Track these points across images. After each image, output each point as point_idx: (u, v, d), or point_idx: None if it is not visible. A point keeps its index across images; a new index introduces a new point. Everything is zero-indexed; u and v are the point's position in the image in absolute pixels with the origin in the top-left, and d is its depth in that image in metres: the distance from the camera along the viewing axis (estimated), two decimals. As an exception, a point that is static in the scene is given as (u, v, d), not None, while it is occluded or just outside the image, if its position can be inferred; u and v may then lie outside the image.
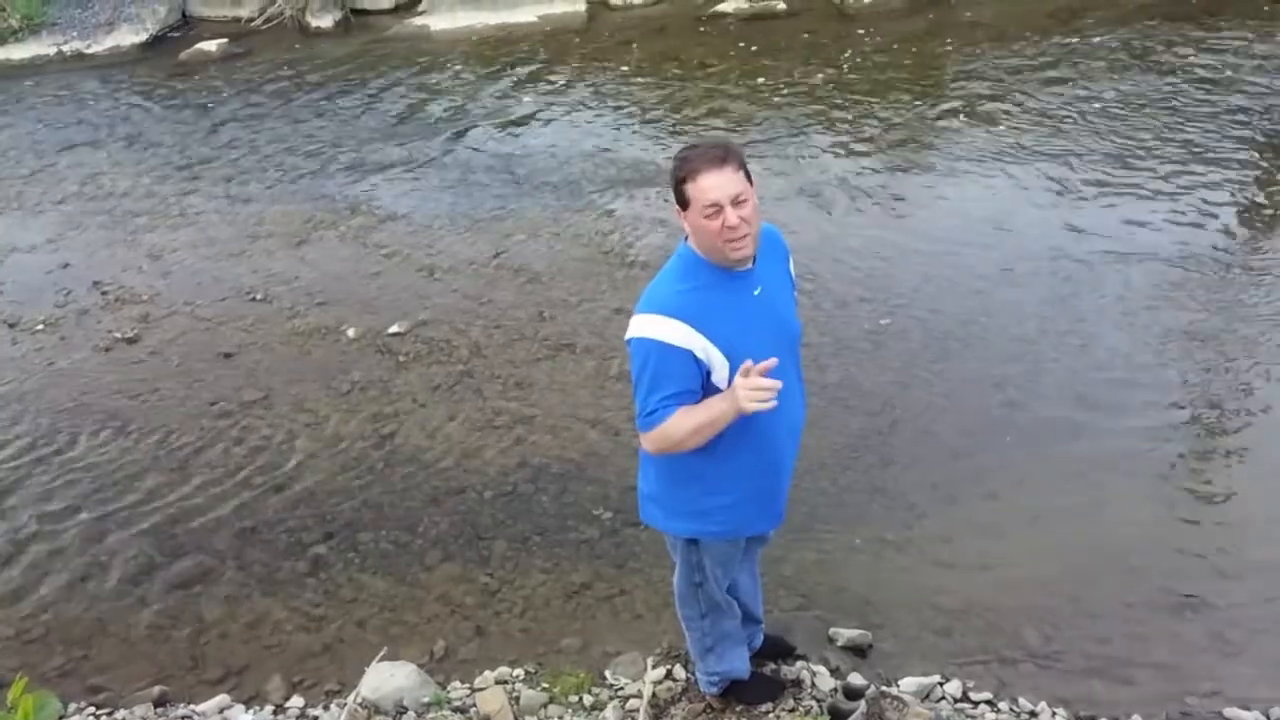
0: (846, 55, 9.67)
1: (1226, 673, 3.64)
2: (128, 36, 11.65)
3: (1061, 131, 7.76)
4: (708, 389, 2.66)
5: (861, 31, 10.24)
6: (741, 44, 10.23)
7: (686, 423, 2.62)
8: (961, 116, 8.20)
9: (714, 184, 2.51)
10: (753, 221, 2.57)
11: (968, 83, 8.84)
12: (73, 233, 7.60)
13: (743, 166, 2.57)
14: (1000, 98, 8.45)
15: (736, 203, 2.52)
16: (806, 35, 10.24)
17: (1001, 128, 7.93)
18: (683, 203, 2.59)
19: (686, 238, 2.69)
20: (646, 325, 2.61)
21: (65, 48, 11.60)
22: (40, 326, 6.42)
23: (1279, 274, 5.90)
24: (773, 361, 2.55)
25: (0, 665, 4.01)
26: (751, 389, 2.51)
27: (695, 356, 2.59)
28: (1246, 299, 5.71)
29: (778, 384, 2.52)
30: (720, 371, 2.64)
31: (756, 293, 2.69)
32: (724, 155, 2.55)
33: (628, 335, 2.67)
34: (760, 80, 9.31)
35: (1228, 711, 3.48)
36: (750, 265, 2.68)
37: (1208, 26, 9.42)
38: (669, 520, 2.95)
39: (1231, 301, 5.69)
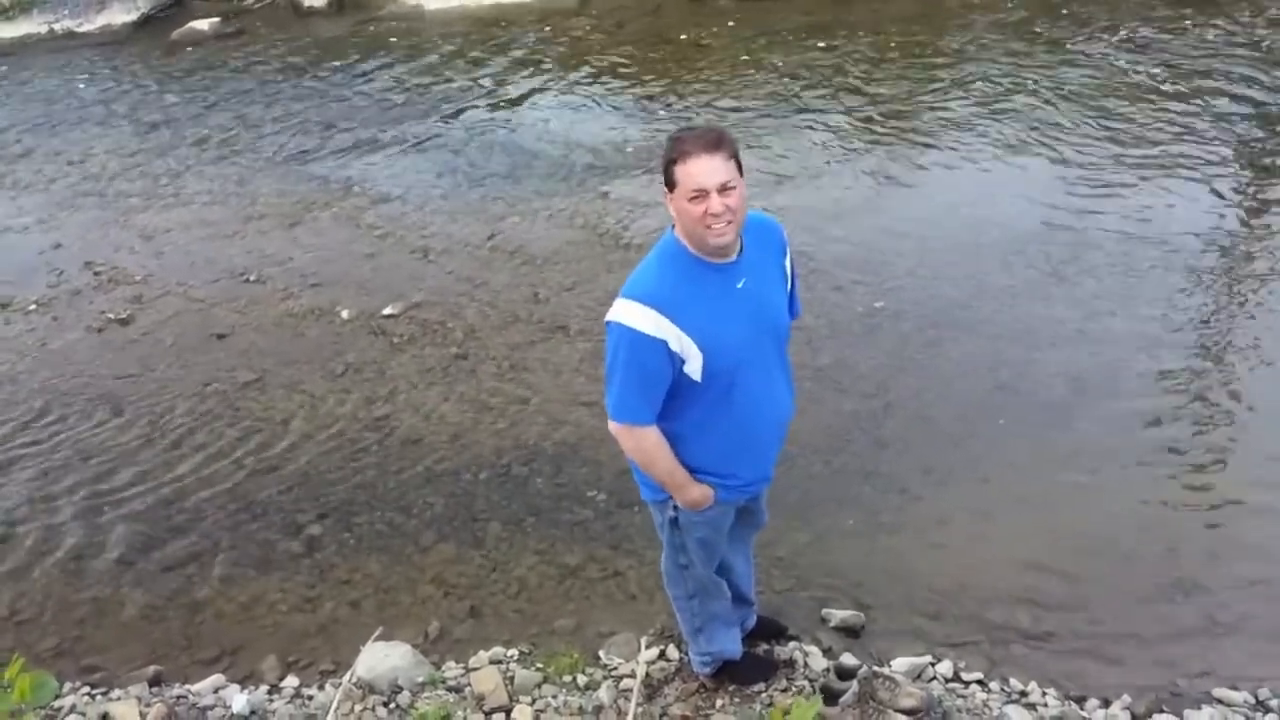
0: (842, 35, 9.62)
1: (1216, 654, 3.66)
2: (119, 15, 11.59)
3: (1056, 114, 7.74)
4: (680, 380, 2.66)
5: (857, 12, 10.19)
6: (737, 24, 10.18)
7: (659, 461, 2.77)
8: (957, 99, 8.17)
9: (703, 169, 2.50)
10: (738, 211, 2.55)
11: (963, 65, 8.81)
12: (64, 213, 7.57)
13: (734, 156, 2.55)
14: (996, 80, 8.43)
15: (723, 190, 2.51)
16: (802, 16, 10.19)
17: (997, 111, 7.91)
18: (670, 184, 2.57)
19: (674, 225, 2.67)
20: (623, 311, 2.62)
21: (57, 26, 11.53)
22: (33, 307, 6.40)
23: (1272, 255, 5.91)
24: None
25: (-5, 645, 4.01)
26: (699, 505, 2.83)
27: (668, 347, 2.59)
28: (1240, 281, 5.72)
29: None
30: (694, 363, 2.63)
31: (740, 285, 2.67)
32: (717, 141, 2.53)
33: (607, 317, 2.68)
34: (755, 60, 9.27)
35: (1217, 692, 3.50)
36: (733, 257, 2.66)
37: (1199, 8, 9.38)
38: (644, 488, 2.98)
39: (1225, 285, 5.70)
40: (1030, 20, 9.56)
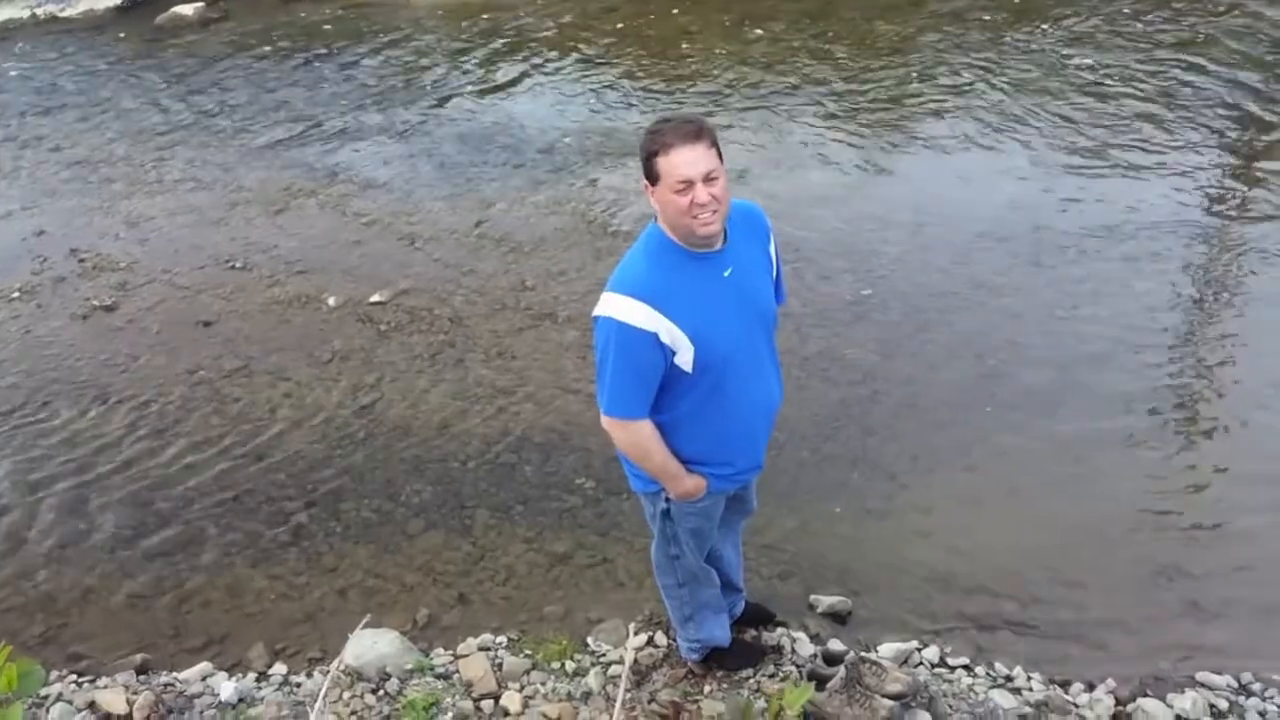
0: (829, 23, 9.61)
1: (1200, 638, 3.69)
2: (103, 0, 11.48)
3: (1043, 102, 7.75)
4: (671, 371, 2.65)
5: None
6: (725, 12, 10.15)
7: (653, 454, 2.75)
8: (944, 86, 8.18)
9: (687, 159, 2.47)
10: (723, 199, 2.53)
11: (951, 52, 8.81)
12: (48, 199, 7.51)
13: (715, 144, 2.53)
14: (983, 68, 8.44)
15: (708, 180, 2.48)
16: (792, 3, 10.17)
17: (984, 98, 7.92)
18: (652, 177, 2.54)
19: (656, 217, 2.65)
20: (611, 305, 2.59)
21: (39, 10, 11.42)
22: (16, 294, 6.35)
23: (1257, 244, 5.94)
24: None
25: (-20, 633, 3.99)
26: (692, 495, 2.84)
27: (659, 339, 2.57)
28: (1225, 269, 5.75)
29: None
30: (684, 355, 2.62)
31: (726, 274, 2.66)
32: (697, 131, 2.50)
33: (594, 311, 2.66)
34: (743, 49, 9.26)
35: (1200, 676, 3.54)
36: (719, 246, 2.65)
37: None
38: (635, 479, 2.98)
39: (1210, 272, 5.73)
40: (1019, 7, 9.56)
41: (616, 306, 2.58)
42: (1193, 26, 8.84)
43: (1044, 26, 9.13)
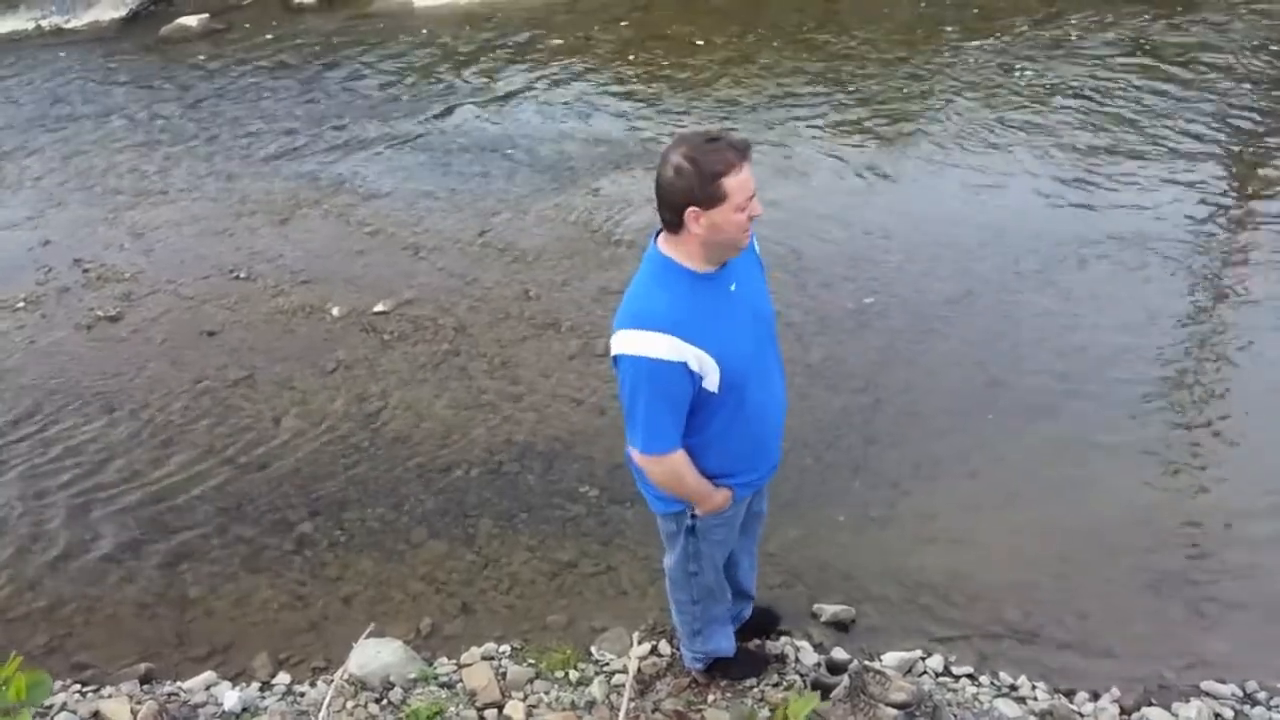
0: (831, 32, 9.64)
1: (1204, 647, 3.69)
2: (107, 11, 11.52)
3: (1047, 112, 7.76)
4: (699, 396, 2.64)
5: (851, 8, 10.21)
6: (730, 20, 10.17)
7: (687, 479, 2.75)
8: (949, 96, 8.19)
9: (748, 175, 2.47)
10: None
11: (956, 62, 8.82)
12: (53, 210, 7.53)
13: None
14: (988, 79, 8.45)
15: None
16: (794, 12, 10.20)
17: (988, 108, 7.93)
18: (716, 198, 2.44)
19: (655, 236, 2.64)
20: (633, 343, 2.55)
21: (44, 22, 11.46)
22: (21, 304, 6.37)
23: (1259, 254, 5.95)
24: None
25: (-15, 643, 4.00)
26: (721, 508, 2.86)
27: (689, 368, 2.56)
28: (1227, 279, 5.75)
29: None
30: (711, 377, 2.61)
31: (732, 289, 2.66)
32: (746, 145, 2.50)
33: (614, 351, 2.61)
34: (748, 57, 9.28)
35: (1205, 684, 3.53)
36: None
37: (1189, 12, 9.42)
38: (658, 501, 2.96)
39: (1212, 281, 5.74)
40: (1026, 17, 9.58)
41: (640, 343, 2.54)
42: (1165, 36, 8.86)
43: (1054, 41, 9.16)
